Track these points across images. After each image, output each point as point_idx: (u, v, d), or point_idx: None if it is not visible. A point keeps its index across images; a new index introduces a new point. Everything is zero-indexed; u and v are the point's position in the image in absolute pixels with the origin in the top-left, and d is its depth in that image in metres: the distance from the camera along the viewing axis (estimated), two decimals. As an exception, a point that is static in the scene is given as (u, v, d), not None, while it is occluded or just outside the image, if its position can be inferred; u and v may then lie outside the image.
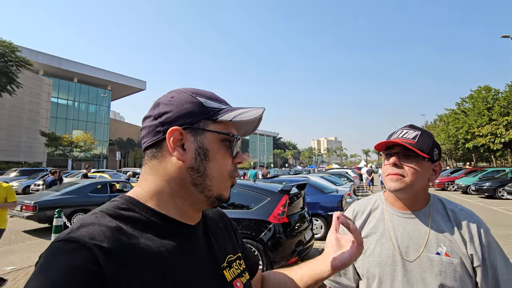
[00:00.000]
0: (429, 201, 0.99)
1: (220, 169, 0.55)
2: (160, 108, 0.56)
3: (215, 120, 0.55)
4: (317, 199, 6.98)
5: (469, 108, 26.96)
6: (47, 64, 39.09)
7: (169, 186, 0.54)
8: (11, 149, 30.22)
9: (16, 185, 17.71)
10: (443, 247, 0.90)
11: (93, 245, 0.42)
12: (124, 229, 0.47)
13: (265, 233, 4.09)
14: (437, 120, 40.03)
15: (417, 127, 0.98)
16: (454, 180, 18.57)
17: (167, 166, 0.54)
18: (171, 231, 0.53)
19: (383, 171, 0.97)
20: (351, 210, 1.13)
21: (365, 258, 1.00)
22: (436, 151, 0.95)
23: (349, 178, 14.62)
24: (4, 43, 21.71)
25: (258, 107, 0.57)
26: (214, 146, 0.55)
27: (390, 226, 0.99)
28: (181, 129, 0.53)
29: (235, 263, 0.65)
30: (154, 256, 0.47)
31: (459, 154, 33.30)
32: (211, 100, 0.57)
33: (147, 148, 0.56)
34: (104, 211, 0.50)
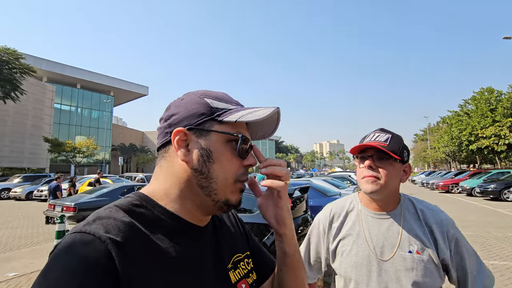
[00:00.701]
0: (400, 201, 1.03)
1: (225, 171, 0.54)
2: (170, 110, 0.57)
3: (221, 121, 0.54)
4: (320, 203, 6.92)
5: (472, 110, 26.85)
6: (50, 70, 39.55)
7: (178, 186, 0.54)
8: (15, 155, 30.44)
9: (19, 191, 17.82)
10: (414, 245, 0.95)
11: (107, 238, 0.43)
12: (136, 225, 0.49)
13: (268, 237, 4.05)
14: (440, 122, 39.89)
15: (388, 130, 1.02)
16: (459, 182, 18.41)
17: (174, 166, 0.54)
18: (180, 231, 0.53)
19: (358, 174, 1.01)
20: (328, 211, 1.15)
21: (343, 259, 1.04)
22: (405, 153, 1.00)
23: (352, 181, 14.53)
24: (8, 51, 22.00)
25: (269, 107, 0.55)
26: (219, 148, 0.54)
27: (366, 227, 1.03)
28: (186, 130, 0.53)
29: (243, 262, 0.65)
30: (162, 254, 0.48)
31: (463, 156, 33.03)
32: (219, 101, 0.56)
33: (159, 148, 0.58)
34: (119, 206, 0.51)
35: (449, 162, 39.71)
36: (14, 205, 15.27)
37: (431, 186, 21.80)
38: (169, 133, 0.54)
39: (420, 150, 54.36)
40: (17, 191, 17.92)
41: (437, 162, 49.27)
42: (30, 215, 11.51)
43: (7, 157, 29.72)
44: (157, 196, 0.55)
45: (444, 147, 33.11)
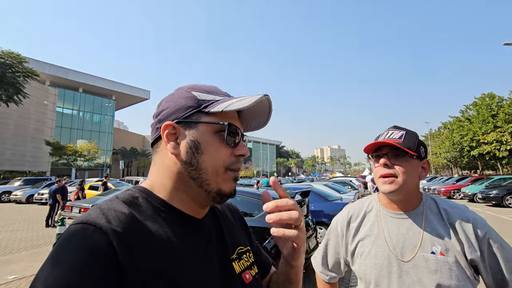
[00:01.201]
0: (422, 201, 0.99)
1: (214, 161, 0.54)
2: (161, 106, 0.58)
3: (208, 113, 0.55)
4: (321, 207, 6.90)
5: (473, 116, 26.84)
6: (53, 74, 39.82)
7: (171, 179, 0.55)
8: (17, 158, 30.50)
9: (20, 194, 17.84)
10: (437, 246, 0.90)
11: (109, 229, 0.44)
12: (137, 216, 0.49)
13: (268, 241, 4.02)
14: (441, 127, 39.85)
15: (402, 127, 1.00)
16: (460, 188, 18.31)
17: (165, 160, 0.55)
18: (179, 222, 0.54)
19: (375, 173, 0.98)
20: (345, 212, 1.13)
21: (362, 260, 1.01)
22: (422, 149, 0.96)
23: (353, 186, 14.50)
24: (12, 54, 22.21)
25: (256, 95, 0.54)
26: (207, 139, 0.54)
27: (385, 228, 1.00)
28: (174, 124, 0.54)
29: (245, 255, 0.65)
30: (163, 244, 0.49)
31: (464, 162, 32.94)
32: (207, 93, 0.57)
33: (152, 144, 0.59)
34: (120, 198, 0.53)
35: (450, 168, 39.55)
36: (15, 208, 15.25)
37: (432, 192, 21.70)
38: (159, 128, 0.55)
39: (421, 155, 53.92)
40: (18, 194, 17.94)
41: (438, 168, 49.12)
42: (30, 218, 11.50)
43: (9, 160, 29.79)
44: (156, 189, 0.56)
45: (446, 153, 33.05)
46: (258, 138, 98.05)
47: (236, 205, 3.65)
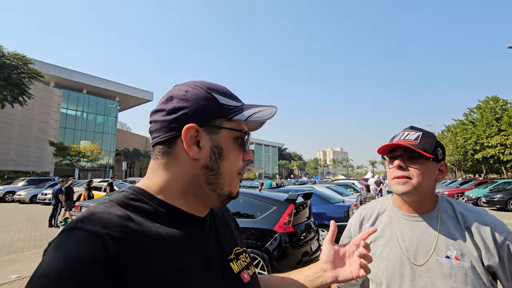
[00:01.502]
0: (438, 203, 0.96)
1: (232, 167, 0.56)
2: (175, 103, 0.54)
3: (230, 119, 0.55)
4: (324, 209, 6.89)
5: (477, 119, 26.63)
6: (58, 76, 40.20)
7: (182, 183, 0.54)
8: (21, 159, 30.73)
9: (23, 194, 17.96)
10: (453, 250, 0.87)
11: (103, 234, 0.42)
12: (133, 218, 0.47)
13: (271, 243, 4.03)
14: (445, 130, 39.59)
15: (419, 128, 0.96)
16: (464, 191, 18.16)
17: (181, 163, 0.53)
18: (180, 222, 0.53)
19: (388, 175, 0.96)
20: (358, 213, 1.11)
21: (373, 262, 0.98)
22: (440, 151, 0.93)
23: (355, 189, 14.43)
24: (17, 56, 22.44)
25: (271, 106, 0.57)
26: (228, 145, 0.55)
27: (398, 230, 0.97)
28: (197, 127, 0.52)
29: (242, 255, 0.65)
30: (163, 245, 0.47)
31: (468, 165, 32.68)
32: (225, 97, 0.57)
33: (158, 143, 0.54)
34: (114, 200, 0.50)
35: (454, 171, 39.25)
36: (18, 208, 15.36)
37: (436, 195, 21.52)
38: (176, 129, 0.52)
39: (424, 158, 53.61)
40: (21, 194, 18.06)
41: (442, 171, 48.63)
42: (34, 218, 11.57)
43: (13, 160, 30.02)
44: (154, 189, 0.54)
45: (449, 156, 32.82)
46: (260, 140, 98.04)
47: (239, 207, 3.72)
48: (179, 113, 0.53)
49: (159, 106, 0.56)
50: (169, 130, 0.53)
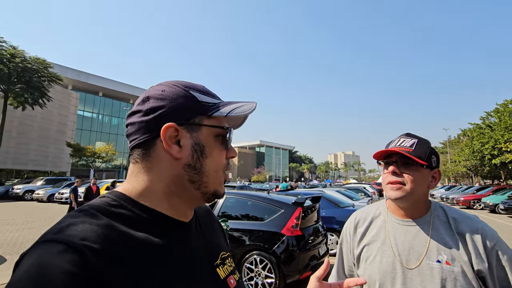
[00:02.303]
0: (430, 208, 0.99)
1: (216, 165, 0.55)
2: (151, 103, 0.53)
3: (210, 116, 0.54)
4: (333, 213, 6.85)
5: (495, 123, 25.76)
6: (75, 79, 41.70)
7: (165, 184, 0.52)
8: (40, 159, 31.92)
9: (42, 193, 18.66)
10: (443, 255, 0.89)
11: (83, 246, 0.39)
12: (116, 227, 0.45)
13: (278, 246, 4.06)
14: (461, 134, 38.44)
15: (414, 135, 1.00)
16: (481, 198, 17.60)
17: (162, 164, 0.52)
18: (164, 228, 0.52)
19: (383, 180, 0.99)
20: (353, 218, 1.14)
21: (367, 265, 1.02)
22: (434, 158, 0.96)
23: (366, 193, 14.23)
24: (38, 60, 23.43)
25: (251, 102, 0.57)
26: (210, 142, 0.54)
27: (391, 234, 0.99)
28: (176, 125, 0.51)
29: (228, 260, 0.65)
30: (148, 254, 0.46)
31: (485, 171, 31.56)
32: (204, 95, 0.56)
33: (136, 145, 0.53)
34: (94, 207, 0.47)
35: (471, 176, 38.01)
36: (37, 206, 15.95)
37: (451, 201, 20.94)
38: (154, 129, 0.51)
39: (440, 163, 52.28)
40: (40, 193, 18.79)
41: (458, 177, 47.25)
42: (51, 216, 11.98)
43: (33, 160, 31.22)
44: (136, 194, 0.52)
45: (465, 161, 31.81)
46: (270, 143, 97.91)
47: (248, 209, 3.81)
48: (156, 113, 0.52)
49: (135, 108, 0.55)
50: (147, 131, 0.52)
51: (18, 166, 30.20)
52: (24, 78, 22.10)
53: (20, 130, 29.42)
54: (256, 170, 75.23)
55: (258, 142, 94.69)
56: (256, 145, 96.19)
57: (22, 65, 21.73)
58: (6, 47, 21.76)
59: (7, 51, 21.40)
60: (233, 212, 4.71)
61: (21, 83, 22.28)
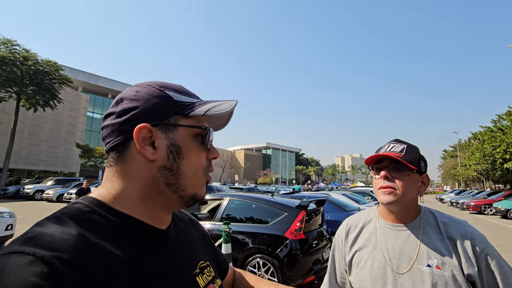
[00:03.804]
0: (420, 213, 1.00)
1: (194, 166, 0.53)
2: (124, 104, 0.51)
3: (187, 115, 0.52)
4: (338, 217, 6.77)
5: (507, 126, 25.19)
6: (85, 81, 42.59)
7: (140, 188, 0.50)
8: (50, 159, 32.61)
9: (51, 193, 19.04)
10: (434, 259, 0.90)
11: (52, 257, 0.36)
12: (88, 236, 0.42)
13: (281, 249, 4.04)
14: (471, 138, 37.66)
15: (403, 141, 1.01)
16: (492, 203, 17.16)
17: (137, 167, 0.50)
18: (141, 236, 0.50)
19: (374, 185, 1.01)
20: (344, 224, 1.15)
21: (358, 271, 1.02)
22: (422, 163, 0.98)
23: (373, 197, 14.03)
24: (50, 63, 24.00)
25: (230, 100, 0.55)
26: (187, 143, 0.52)
27: (382, 239, 1.01)
28: (150, 126, 0.49)
29: (207, 269, 0.63)
30: (122, 264, 0.44)
31: (497, 175, 30.82)
32: (180, 94, 0.54)
33: (111, 149, 0.51)
34: (66, 214, 0.45)
35: (482, 181, 37.16)
36: (46, 206, 16.24)
37: (461, 206, 20.48)
38: (128, 131, 0.49)
39: (449, 167, 51.54)
40: (50, 193, 19.16)
41: (468, 181, 46.26)
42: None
43: (44, 161, 31.91)
44: (110, 199, 0.50)
45: (476, 165, 31.13)
46: (277, 145, 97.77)
47: (251, 212, 3.80)
48: (129, 114, 0.50)
49: (109, 110, 0.53)
50: (120, 133, 0.50)
51: (29, 166, 30.88)
52: (36, 80, 22.63)
53: (31, 131, 30.12)
54: (262, 172, 75.15)
55: (265, 144, 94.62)
56: (262, 147, 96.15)
57: (34, 67, 22.28)
58: (19, 50, 22.36)
59: (20, 54, 21.97)
60: (237, 215, 4.71)
61: (33, 85, 22.81)
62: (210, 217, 4.88)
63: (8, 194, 20.73)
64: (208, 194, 5.49)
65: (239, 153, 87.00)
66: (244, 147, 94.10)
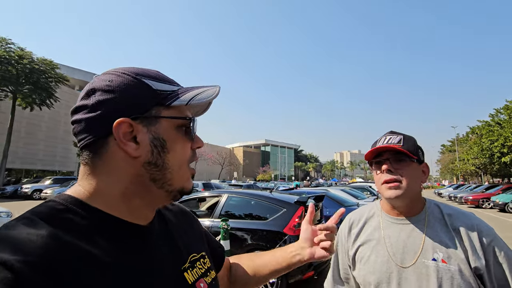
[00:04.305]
0: (425, 206, 0.98)
1: (180, 159, 0.50)
2: (98, 96, 0.46)
3: (169, 106, 0.49)
4: (337, 213, 6.78)
5: (504, 120, 25.28)
6: (82, 79, 42.35)
7: (122, 184, 0.47)
8: (48, 159, 32.51)
9: (49, 193, 18.98)
10: (439, 253, 0.88)
11: (16, 262, 0.33)
12: (59, 236, 0.39)
13: (280, 245, 4.03)
14: (469, 132, 37.82)
15: (398, 132, 0.99)
16: (490, 196, 17.27)
17: (118, 164, 0.47)
18: (119, 234, 0.46)
19: (377, 180, 0.98)
20: (347, 219, 1.13)
21: (361, 266, 1.00)
22: (420, 152, 0.96)
23: (372, 192, 14.07)
24: (45, 61, 23.82)
25: (213, 86, 0.52)
26: (171, 135, 0.49)
27: (386, 233, 0.98)
28: (130, 120, 0.46)
29: (199, 262, 0.60)
30: (97, 264, 0.40)
31: (495, 169, 31.01)
32: (159, 82, 0.50)
33: (85, 146, 0.47)
34: (36, 214, 0.41)
35: (480, 175, 37.40)
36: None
37: (459, 200, 20.61)
38: (104, 126, 0.45)
39: (448, 161, 51.84)
40: (48, 193, 19.08)
41: (466, 175, 46.56)
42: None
43: (41, 160, 31.81)
44: (88, 197, 0.46)
45: (474, 159, 31.30)
46: (276, 142, 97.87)
47: (250, 208, 3.76)
48: (104, 107, 0.46)
49: (79, 103, 0.48)
50: (96, 129, 0.46)
51: (26, 166, 30.79)
52: (31, 79, 22.47)
53: (28, 131, 29.98)
54: (261, 169, 75.26)
55: (264, 141, 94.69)
56: (261, 144, 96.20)
57: (29, 66, 22.11)
58: (14, 49, 22.15)
59: (15, 52, 21.78)
60: (236, 211, 4.70)
61: (29, 84, 22.65)
62: (209, 214, 4.87)
63: (6, 194, 20.65)
64: (207, 191, 5.46)
65: (238, 150, 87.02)
66: (243, 144, 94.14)
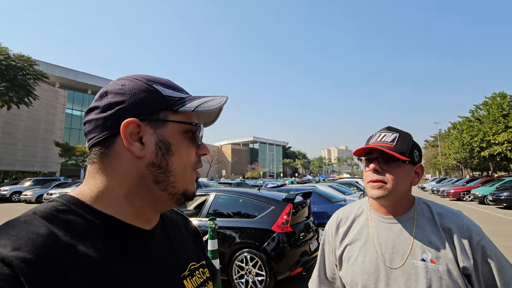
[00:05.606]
0: (414, 205, 0.95)
1: (184, 163, 0.51)
2: (110, 98, 0.49)
3: (176, 111, 0.51)
4: (324, 209, 6.83)
5: (483, 116, 26.27)
6: (63, 77, 40.86)
7: (126, 185, 0.48)
8: (27, 159, 31.25)
9: (30, 194, 18.24)
10: (428, 253, 0.86)
11: (15, 258, 0.34)
12: (59, 236, 0.40)
13: (268, 243, 4.00)
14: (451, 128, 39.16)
15: (396, 129, 0.95)
16: (470, 189, 17.94)
17: (123, 164, 0.48)
18: (121, 237, 0.47)
19: (364, 178, 0.95)
20: (335, 217, 1.10)
21: (349, 266, 0.97)
22: (416, 153, 0.92)
23: (359, 187, 14.31)
24: (23, 57, 22.74)
25: (221, 96, 0.53)
26: (177, 139, 0.51)
27: (374, 232, 0.95)
28: (138, 121, 0.47)
29: (198, 271, 0.60)
30: (95, 267, 0.40)
31: (475, 163, 32.25)
32: (169, 89, 0.52)
33: (94, 144, 0.49)
34: (38, 213, 0.42)
35: (461, 169, 38.81)
36: (25, 208, 15.58)
37: (441, 194, 21.31)
38: (114, 126, 0.47)
39: (430, 156, 53.50)
40: (28, 194, 18.34)
41: (448, 169, 48.25)
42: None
43: (20, 161, 30.53)
44: (90, 198, 0.47)
45: (455, 154, 32.46)
46: (264, 139, 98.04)
47: (238, 207, 3.69)
48: (115, 108, 0.48)
49: (93, 104, 0.51)
50: (105, 128, 0.48)
51: (4, 167, 29.51)
52: (8, 76, 21.44)
53: (5, 130, 28.72)
54: (250, 166, 75.33)
55: (252, 139, 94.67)
56: (249, 142, 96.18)
57: (5, 62, 21.06)
58: (-13, 44, 21.06)
59: (-11, 48, 20.72)
60: (224, 210, 4.64)
61: (5, 82, 21.60)
62: (196, 213, 4.78)
63: (-18, 197, 19.70)
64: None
65: (226, 148, 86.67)
66: (231, 142, 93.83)
